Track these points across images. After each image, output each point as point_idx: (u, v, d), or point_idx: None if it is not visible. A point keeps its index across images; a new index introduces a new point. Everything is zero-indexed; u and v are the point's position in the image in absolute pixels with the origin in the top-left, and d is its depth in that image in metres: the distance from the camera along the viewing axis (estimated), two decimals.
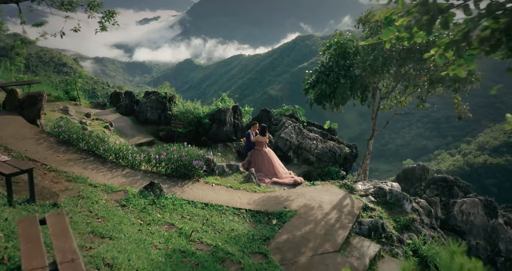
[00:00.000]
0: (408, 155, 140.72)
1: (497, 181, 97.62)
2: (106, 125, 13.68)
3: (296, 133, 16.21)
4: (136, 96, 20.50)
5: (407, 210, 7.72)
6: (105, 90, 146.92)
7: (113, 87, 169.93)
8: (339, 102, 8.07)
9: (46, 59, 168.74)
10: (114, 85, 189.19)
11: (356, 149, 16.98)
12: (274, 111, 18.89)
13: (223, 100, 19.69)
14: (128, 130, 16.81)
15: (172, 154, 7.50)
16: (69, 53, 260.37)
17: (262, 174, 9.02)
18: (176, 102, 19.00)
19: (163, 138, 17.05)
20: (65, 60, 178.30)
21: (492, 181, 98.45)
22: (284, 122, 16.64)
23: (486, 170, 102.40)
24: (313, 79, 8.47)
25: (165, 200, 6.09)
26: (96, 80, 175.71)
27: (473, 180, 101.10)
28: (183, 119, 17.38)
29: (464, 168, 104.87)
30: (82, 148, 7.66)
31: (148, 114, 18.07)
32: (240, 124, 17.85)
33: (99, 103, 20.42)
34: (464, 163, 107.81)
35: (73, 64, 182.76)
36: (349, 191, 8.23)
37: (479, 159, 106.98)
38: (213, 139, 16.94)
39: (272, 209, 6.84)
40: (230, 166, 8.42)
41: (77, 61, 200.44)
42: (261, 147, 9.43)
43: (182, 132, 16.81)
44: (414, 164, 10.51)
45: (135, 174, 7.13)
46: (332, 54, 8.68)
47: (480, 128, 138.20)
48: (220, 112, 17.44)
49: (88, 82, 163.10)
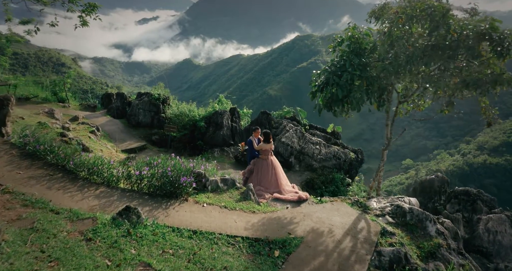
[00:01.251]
0: (407, 155, 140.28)
1: (497, 181, 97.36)
2: (92, 130, 12.54)
3: (298, 137, 15.11)
4: (128, 98, 19.38)
5: (431, 233, 6.61)
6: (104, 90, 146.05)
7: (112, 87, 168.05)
8: (354, 107, 6.94)
9: (44, 59, 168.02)
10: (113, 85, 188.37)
11: (362, 154, 15.87)
12: (274, 114, 17.76)
13: (220, 102, 18.57)
14: (119, 134, 15.77)
15: (156, 169, 6.37)
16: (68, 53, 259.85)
17: (261, 188, 7.89)
18: (170, 104, 17.87)
19: (156, 142, 16.02)
20: (64, 60, 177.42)
21: (491, 181, 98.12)
22: (285, 126, 15.53)
23: (485, 170, 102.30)
24: (322, 80, 7.25)
25: (143, 229, 4.97)
26: (95, 80, 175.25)
27: (473, 180, 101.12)
28: (177, 122, 16.29)
29: (464, 168, 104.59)
30: (50, 162, 6.52)
31: (140, 116, 16.99)
32: (238, 127, 16.73)
33: (89, 105, 19.31)
34: (463, 163, 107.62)
35: (72, 64, 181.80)
36: (363, 210, 7.12)
37: (478, 159, 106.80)
38: (209, 143, 15.87)
39: (274, 235, 5.73)
40: (225, 181, 7.29)
41: (75, 61, 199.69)
42: (266, 156, 8.33)
43: (176, 136, 15.73)
44: (432, 175, 9.35)
45: (111, 193, 6.00)
46: (344, 51, 7.51)
47: (479, 127, 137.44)
48: (217, 115, 16.36)
49: (86, 82, 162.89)
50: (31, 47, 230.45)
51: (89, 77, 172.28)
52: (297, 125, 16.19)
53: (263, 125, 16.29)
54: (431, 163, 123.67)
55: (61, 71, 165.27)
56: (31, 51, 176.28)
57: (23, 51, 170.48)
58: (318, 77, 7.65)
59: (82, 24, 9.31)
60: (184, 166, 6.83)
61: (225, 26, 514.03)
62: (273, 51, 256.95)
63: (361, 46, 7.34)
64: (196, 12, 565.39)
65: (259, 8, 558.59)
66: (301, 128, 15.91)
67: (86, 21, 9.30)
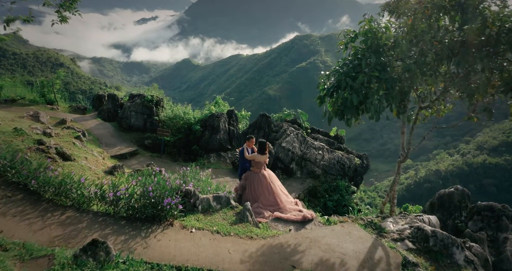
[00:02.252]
0: None
1: (496, 181, 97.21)
2: (77, 135, 11.53)
3: (299, 141, 14.17)
4: (121, 99, 18.39)
5: (458, 262, 5.64)
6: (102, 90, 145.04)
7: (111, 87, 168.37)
8: (372, 116, 5.90)
9: (43, 59, 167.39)
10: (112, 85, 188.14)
11: (367, 160, 14.92)
12: (274, 116, 16.81)
13: (217, 104, 17.59)
14: (109, 138, 14.76)
15: (134, 189, 5.38)
16: (66, 53, 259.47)
17: (260, 206, 6.89)
18: (164, 106, 16.88)
19: (149, 147, 15.05)
20: (62, 60, 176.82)
21: (490, 181, 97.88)
22: (286, 129, 14.60)
23: (485, 170, 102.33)
24: (332, 83, 6.20)
25: (113, 269, 3.98)
26: (93, 80, 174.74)
27: (472, 180, 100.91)
28: (171, 125, 15.33)
29: (463, 168, 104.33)
30: (10, 180, 5.52)
31: (132, 119, 16.01)
32: (235, 131, 15.77)
33: (79, 107, 18.31)
34: (463, 163, 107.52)
35: (71, 64, 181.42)
36: (378, 233, 6.14)
37: (478, 158, 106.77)
38: (205, 148, 14.91)
39: (275, 270, 4.76)
40: (218, 199, 6.29)
41: (74, 61, 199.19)
42: (259, 169, 7.28)
43: (170, 140, 14.74)
44: (451, 188, 8.35)
45: (80, 219, 5.00)
46: (358, 48, 6.45)
47: (478, 127, 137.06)
48: (213, 118, 15.38)
49: (85, 82, 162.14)
50: (30, 47, 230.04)
51: (87, 77, 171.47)
52: (298, 128, 15.26)
53: (262, 128, 15.35)
54: (430, 163, 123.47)
55: None
56: (30, 51, 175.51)
57: (22, 51, 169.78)
58: (327, 79, 6.59)
59: (61, 20, 8.31)
60: (170, 183, 5.83)
61: (224, 26, 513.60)
62: (272, 51, 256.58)
63: (380, 42, 6.20)
64: (195, 12, 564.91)
65: (258, 8, 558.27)
66: (303, 132, 14.97)
67: (65, 17, 8.31)
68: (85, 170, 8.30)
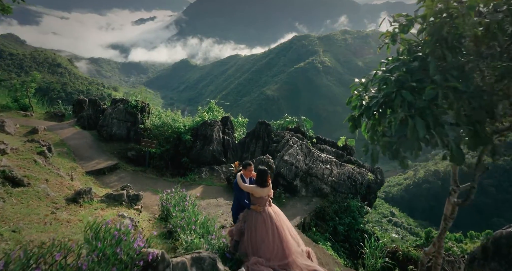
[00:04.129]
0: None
1: (495, 182, 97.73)
2: (41, 150, 9.64)
3: (304, 154, 12.35)
4: (103, 105, 16.52)
5: None
6: (100, 91, 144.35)
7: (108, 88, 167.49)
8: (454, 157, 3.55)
9: (40, 60, 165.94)
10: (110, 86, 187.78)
11: (382, 174, 13.09)
12: (275, 124, 14.96)
13: (211, 110, 15.73)
14: (86, 150, 13.00)
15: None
16: (64, 54, 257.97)
17: (259, 261, 5.02)
18: (150, 112, 15.03)
19: (132, 159, 13.27)
20: (60, 61, 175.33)
21: (490, 182, 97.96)
22: (288, 140, 12.78)
23: None
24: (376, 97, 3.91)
25: None
26: (91, 80, 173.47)
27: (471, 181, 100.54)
28: (158, 134, 13.55)
29: (462, 168, 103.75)
30: None
31: (114, 128, 14.24)
32: (231, 141, 13.96)
33: (56, 113, 16.60)
34: None
35: (68, 65, 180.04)
36: None
37: None
38: (196, 160, 13.11)
39: None
40: (198, 263, 4.34)
41: (71, 61, 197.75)
42: (261, 207, 5.42)
43: (156, 152, 12.91)
44: (509, 227, 6.40)
45: None
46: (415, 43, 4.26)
47: None
48: (206, 126, 13.56)
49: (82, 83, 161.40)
50: (27, 47, 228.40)
51: (85, 77, 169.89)
52: (302, 138, 13.46)
53: (261, 138, 13.55)
54: (429, 163, 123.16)
55: (57, 71, 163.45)
56: (27, 52, 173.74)
57: (19, 52, 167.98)
58: (364, 90, 4.30)
59: (2, 10, 6.50)
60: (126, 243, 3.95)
61: (222, 26, 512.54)
62: (270, 51, 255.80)
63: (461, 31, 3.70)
64: (193, 12, 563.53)
65: (257, 8, 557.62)
66: (307, 142, 13.16)
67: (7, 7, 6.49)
68: (41, 199, 6.54)
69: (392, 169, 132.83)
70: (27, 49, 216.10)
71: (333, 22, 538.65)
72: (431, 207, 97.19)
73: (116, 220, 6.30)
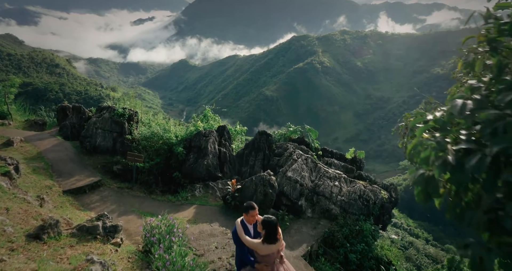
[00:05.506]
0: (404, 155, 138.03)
1: None
2: (6, 171, 8.36)
3: (309, 169, 11.07)
4: (89, 112, 15.25)
5: None
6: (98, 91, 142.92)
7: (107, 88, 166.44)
8: None
9: (38, 60, 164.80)
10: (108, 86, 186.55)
11: (396, 192, 11.77)
12: (276, 134, 13.59)
13: (206, 118, 14.38)
14: (66, 164, 11.70)
15: None
16: (62, 54, 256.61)
17: None
18: (139, 121, 13.79)
19: (118, 174, 11.87)
20: (58, 61, 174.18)
21: None
22: (292, 153, 11.47)
23: None
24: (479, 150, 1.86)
25: None
26: (89, 81, 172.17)
27: None
28: (147, 146, 12.19)
29: None
30: None
31: (98, 139, 12.92)
32: (228, 153, 12.61)
33: (36, 121, 15.33)
34: None
35: (66, 65, 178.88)
36: None
37: None
38: (190, 175, 11.77)
39: None
40: None
41: (70, 62, 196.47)
42: (269, 267, 4.08)
43: (145, 166, 11.57)
44: None
45: None
46: None
47: None
48: (200, 137, 12.25)
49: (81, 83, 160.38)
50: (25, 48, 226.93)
51: (83, 78, 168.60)
52: (306, 150, 12.15)
53: (262, 150, 12.26)
54: None
55: (55, 72, 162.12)
56: (25, 52, 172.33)
57: (16, 52, 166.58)
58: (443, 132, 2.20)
59: None
60: None
61: (221, 26, 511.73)
62: (269, 51, 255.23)
63: None
64: (192, 12, 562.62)
65: (256, 8, 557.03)
66: (312, 155, 11.86)
67: None
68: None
69: (392, 169, 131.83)
70: (25, 49, 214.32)
71: (332, 22, 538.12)
72: (431, 208, 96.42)
73: (82, 268, 5.00)
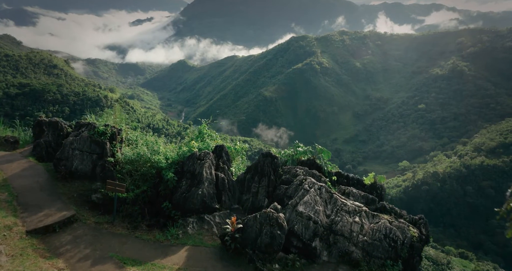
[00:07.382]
0: (403, 156, 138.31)
1: (494, 183, 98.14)
2: None
3: (324, 201, 9.58)
4: (67, 128, 13.54)
5: None
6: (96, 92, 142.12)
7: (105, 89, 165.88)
8: None
9: (36, 61, 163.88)
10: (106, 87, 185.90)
11: (427, 227, 10.18)
12: (282, 155, 12.42)
13: (201, 136, 12.99)
14: (35, 194, 9.99)
15: None
16: (60, 55, 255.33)
17: None
18: (123, 140, 12.32)
19: (98, 204, 10.31)
20: (56, 62, 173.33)
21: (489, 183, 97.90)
22: (302, 181, 10.04)
23: (483, 172, 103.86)
24: None
25: None
26: (87, 82, 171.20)
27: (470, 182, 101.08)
28: (133, 170, 10.82)
29: (461, 170, 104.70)
30: None
31: (75, 162, 11.45)
32: (227, 179, 11.13)
33: (7, 139, 13.53)
34: (460, 164, 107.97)
35: (64, 66, 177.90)
36: None
37: (475, 160, 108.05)
38: (182, 207, 10.20)
39: None
40: None
41: (68, 62, 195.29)
42: None
43: (128, 196, 10.18)
44: None
45: None
46: None
47: (475, 129, 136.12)
48: (194, 161, 10.65)
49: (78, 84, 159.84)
50: (23, 48, 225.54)
51: (81, 79, 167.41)
52: (319, 176, 10.74)
53: (266, 175, 11.25)
54: (428, 165, 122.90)
55: (53, 73, 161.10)
56: (23, 53, 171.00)
57: (14, 53, 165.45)
58: None
59: None
60: None
61: (219, 27, 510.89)
62: (268, 52, 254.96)
63: None
64: (191, 13, 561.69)
65: (254, 9, 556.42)
66: (326, 182, 10.73)
67: None
68: None
69: (391, 170, 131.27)
70: (23, 50, 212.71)
71: (330, 23, 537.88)
72: (430, 209, 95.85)
73: None
